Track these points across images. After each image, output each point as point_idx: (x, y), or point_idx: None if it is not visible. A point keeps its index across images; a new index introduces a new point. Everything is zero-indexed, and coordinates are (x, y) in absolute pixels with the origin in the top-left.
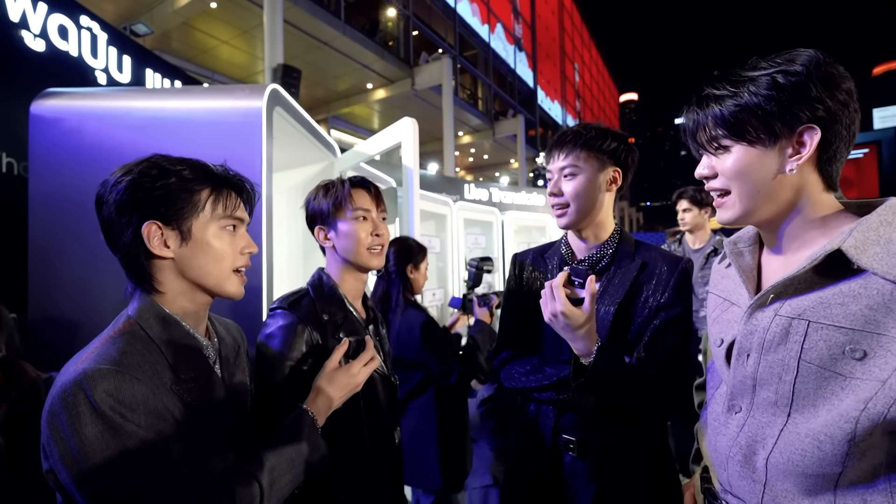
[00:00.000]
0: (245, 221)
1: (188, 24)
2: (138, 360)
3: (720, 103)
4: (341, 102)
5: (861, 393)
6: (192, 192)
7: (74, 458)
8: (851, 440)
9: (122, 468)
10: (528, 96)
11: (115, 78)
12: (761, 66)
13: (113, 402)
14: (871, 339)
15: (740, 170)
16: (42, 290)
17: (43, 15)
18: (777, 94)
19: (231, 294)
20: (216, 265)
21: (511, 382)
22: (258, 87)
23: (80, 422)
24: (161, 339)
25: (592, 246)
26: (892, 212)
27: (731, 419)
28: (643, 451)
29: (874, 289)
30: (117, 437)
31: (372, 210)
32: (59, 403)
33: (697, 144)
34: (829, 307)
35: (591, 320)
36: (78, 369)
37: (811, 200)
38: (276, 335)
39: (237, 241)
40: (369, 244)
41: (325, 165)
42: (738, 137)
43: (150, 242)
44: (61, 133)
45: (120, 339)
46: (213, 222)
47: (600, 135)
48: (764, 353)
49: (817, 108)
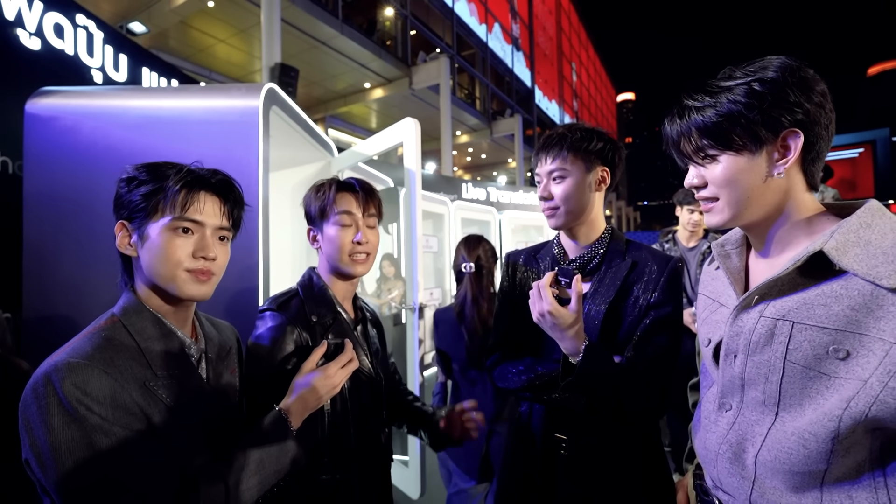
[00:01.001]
0: (207, 225)
1: (185, 23)
2: (111, 355)
3: (701, 114)
4: (339, 102)
5: (844, 392)
6: (149, 196)
7: (41, 449)
8: (835, 438)
9: (85, 459)
10: (526, 96)
11: (111, 77)
12: (736, 75)
13: (80, 394)
14: (854, 339)
15: (730, 177)
16: (37, 289)
17: (39, 13)
18: (757, 102)
19: (189, 293)
20: (162, 266)
21: (504, 382)
22: (255, 86)
23: (48, 412)
24: (141, 336)
25: (584, 246)
26: (870, 214)
27: (721, 417)
28: (634, 450)
29: (855, 289)
30: (82, 429)
31: (357, 214)
32: (30, 395)
33: (682, 154)
34: (812, 308)
35: (579, 319)
36: (50, 362)
37: (796, 202)
38: (264, 336)
39: (189, 244)
40: (351, 251)
41: (323, 165)
42: (724, 147)
43: (118, 241)
44: (57, 132)
45: (97, 334)
46: (164, 224)
47: (586, 136)
48: (750, 353)
49: (797, 112)
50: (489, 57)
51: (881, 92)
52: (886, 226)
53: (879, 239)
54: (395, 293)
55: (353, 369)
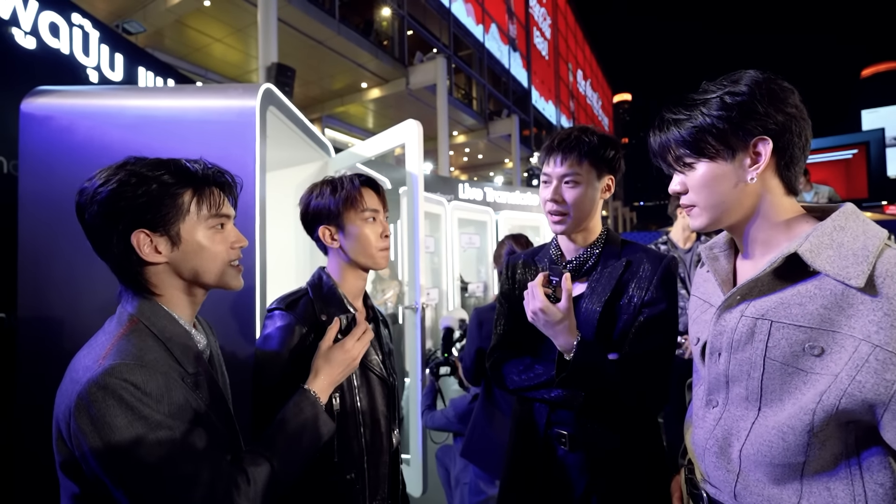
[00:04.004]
0: (231, 216)
1: (181, 22)
2: (155, 356)
3: (679, 126)
4: (335, 102)
5: (818, 386)
6: (175, 197)
7: (106, 448)
8: (811, 431)
9: (153, 455)
10: (523, 96)
11: (107, 76)
12: (711, 89)
13: (140, 394)
14: (828, 336)
15: (705, 183)
16: (32, 289)
17: (34, 12)
18: (727, 114)
19: (234, 286)
20: (212, 264)
21: (505, 383)
22: (252, 86)
23: (111, 413)
24: (164, 336)
25: (581, 248)
26: (844, 217)
27: (708, 413)
28: (634, 445)
29: (828, 289)
30: (147, 426)
31: (380, 211)
32: (86, 398)
33: (667, 164)
34: (789, 307)
35: (569, 316)
36: (103, 365)
37: (773, 205)
38: (273, 336)
39: (227, 237)
40: (380, 246)
41: (320, 165)
42: (699, 155)
43: (142, 250)
44: (52, 131)
45: (133, 336)
46: (200, 223)
47: (601, 143)
48: (733, 351)
49: (766, 121)
50: (486, 57)
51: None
52: (858, 228)
53: (851, 241)
54: (390, 293)
55: (370, 339)
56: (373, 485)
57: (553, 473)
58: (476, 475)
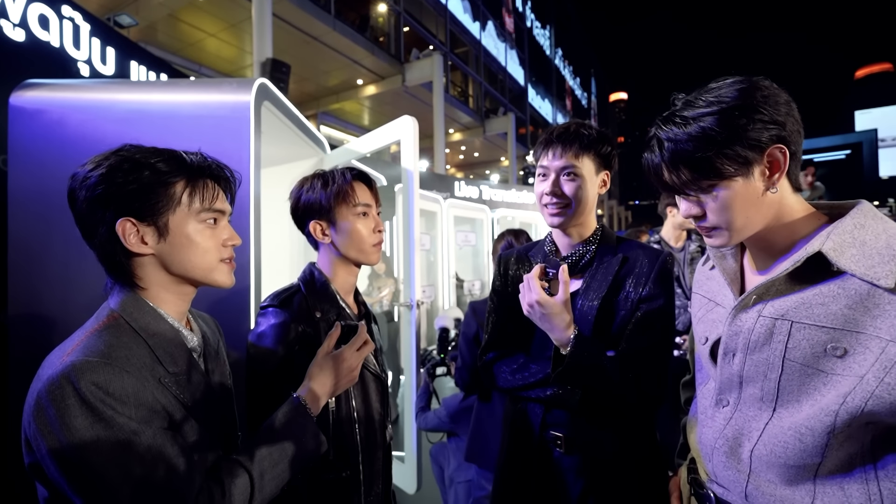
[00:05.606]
0: (227, 212)
1: (174, 16)
2: (126, 353)
3: (682, 147)
4: (331, 98)
5: (841, 388)
6: (167, 186)
7: (63, 452)
8: (831, 432)
9: (113, 460)
10: (519, 94)
11: (98, 70)
12: (699, 104)
13: (102, 394)
14: (851, 337)
15: (729, 204)
16: (23, 285)
17: (23, 4)
18: (734, 129)
19: (222, 283)
20: (200, 259)
21: (498, 382)
22: (246, 81)
23: (70, 414)
24: (146, 333)
25: (577, 243)
26: (863, 215)
27: (718, 413)
28: (630, 446)
29: (852, 289)
30: (108, 429)
31: (373, 206)
32: (45, 397)
33: (667, 185)
34: (810, 307)
35: (566, 308)
36: (65, 362)
37: (785, 206)
38: (267, 334)
39: (219, 233)
40: (373, 241)
41: (315, 161)
42: (717, 177)
43: (127, 240)
44: (42, 125)
45: (106, 332)
46: (191, 216)
47: (599, 138)
48: (749, 352)
49: (772, 128)
50: (482, 55)
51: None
52: (879, 227)
53: (874, 240)
54: (386, 291)
55: (369, 351)
56: (368, 481)
57: (548, 477)
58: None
